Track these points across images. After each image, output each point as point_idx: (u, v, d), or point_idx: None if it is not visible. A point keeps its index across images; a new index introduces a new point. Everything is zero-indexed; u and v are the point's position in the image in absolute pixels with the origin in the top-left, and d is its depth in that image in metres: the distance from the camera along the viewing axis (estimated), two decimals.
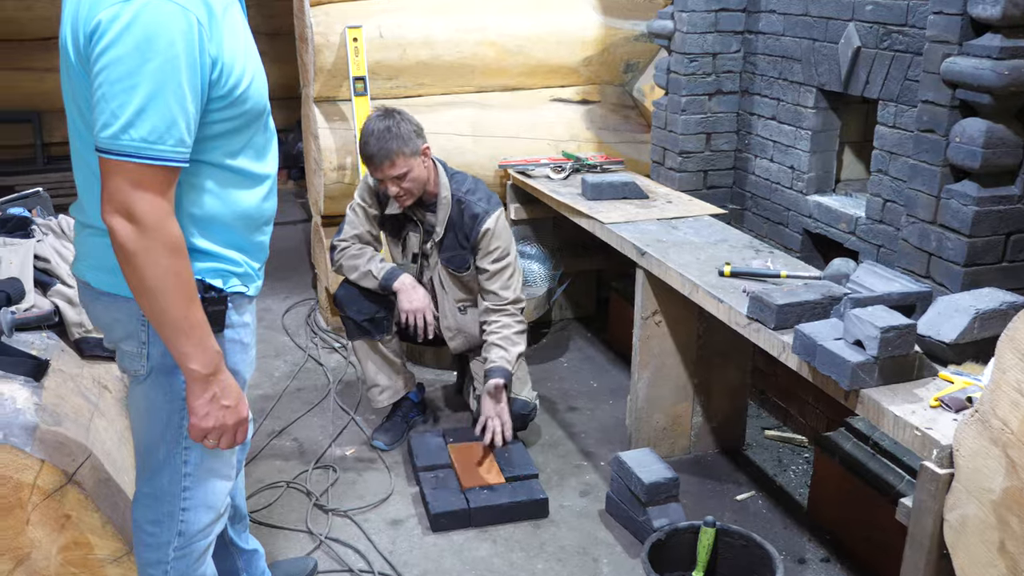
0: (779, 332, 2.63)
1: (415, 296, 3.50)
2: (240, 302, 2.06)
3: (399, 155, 3.32)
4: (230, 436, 2.00)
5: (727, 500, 3.36)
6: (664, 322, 3.46)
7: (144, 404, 2.07)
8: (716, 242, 3.46)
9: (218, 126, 1.88)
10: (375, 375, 3.68)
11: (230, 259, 2.01)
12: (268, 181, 2.07)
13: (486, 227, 3.51)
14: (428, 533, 3.16)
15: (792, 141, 3.77)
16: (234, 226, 1.99)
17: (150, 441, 2.10)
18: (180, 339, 1.85)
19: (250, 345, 2.13)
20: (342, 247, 3.56)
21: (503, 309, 3.53)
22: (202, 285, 1.94)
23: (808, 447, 3.67)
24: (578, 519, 3.24)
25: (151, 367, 2.00)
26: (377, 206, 3.57)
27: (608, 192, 4.02)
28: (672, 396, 3.56)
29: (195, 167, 1.88)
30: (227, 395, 1.95)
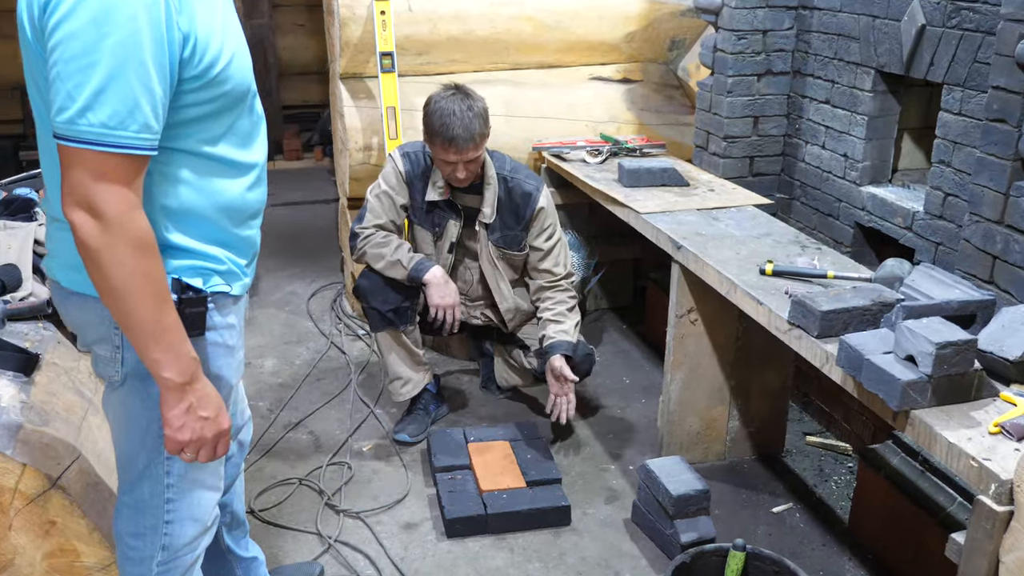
0: (823, 341, 2.41)
1: (447, 291, 3.34)
2: (223, 302, 1.89)
3: (482, 137, 3.20)
4: (209, 449, 1.83)
5: (762, 512, 3.14)
6: (700, 320, 3.24)
7: (121, 411, 1.91)
8: (759, 236, 3.22)
9: (193, 110, 1.70)
10: (398, 367, 3.51)
11: (211, 256, 1.83)
12: (254, 170, 1.89)
13: (540, 205, 3.41)
14: (443, 539, 2.99)
15: (846, 127, 3.51)
16: (215, 219, 1.82)
17: (129, 450, 1.95)
18: (150, 345, 1.68)
19: (236, 348, 1.96)
20: (365, 235, 3.38)
21: (556, 285, 3.46)
22: (179, 285, 1.78)
23: (852, 456, 3.44)
24: (601, 528, 3.05)
25: (126, 373, 1.84)
26: (405, 193, 3.38)
27: (646, 179, 3.79)
28: (707, 399, 3.35)
29: (168, 155, 1.71)
30: (205, 405, 1.78)
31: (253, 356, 4.28)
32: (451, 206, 3.40)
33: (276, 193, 6.95)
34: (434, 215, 3.42)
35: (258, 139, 1.90)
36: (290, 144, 7.89)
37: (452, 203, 3.39)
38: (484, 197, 3.38)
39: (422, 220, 3.43)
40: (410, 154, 3.40)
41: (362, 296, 3.44)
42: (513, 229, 3.42)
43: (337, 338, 4.45)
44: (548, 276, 3.46)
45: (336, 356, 4.27)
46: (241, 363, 2.05)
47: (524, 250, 3.47)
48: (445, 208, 3.40)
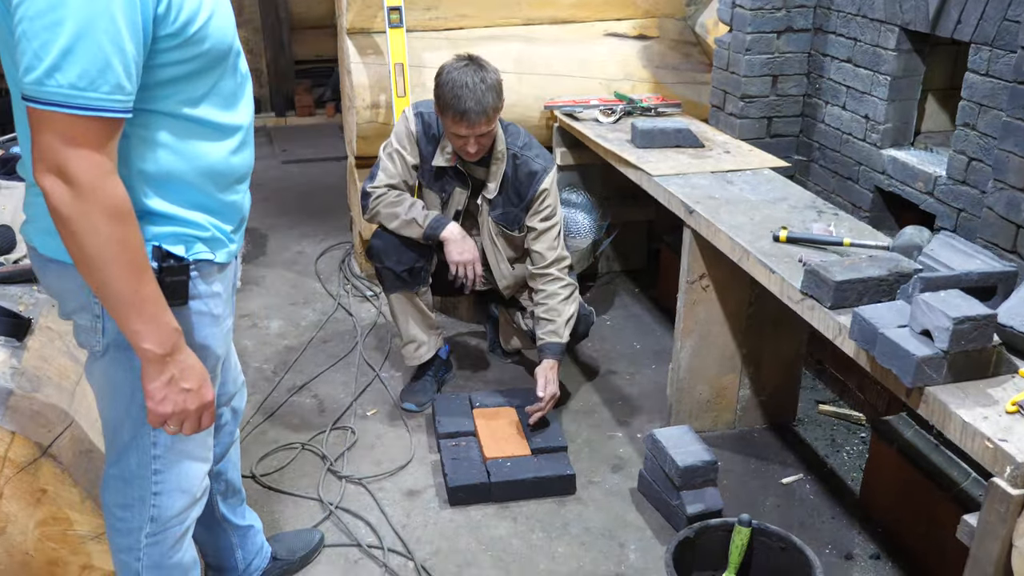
0: (836, 312, 2.32)
1: (465, 247, 3.25)
2: (208, 270, 1.82)
3: (495, 111, 3.07)
4: (193, 422, 1.78)
5: (771, 483, 3.08)
6: (712, 287, 3.16)
7: (104, 382, 1.86)
8: (774, 200, 3.13)
9: (171, 70, 1.62)
10: (413, 330, 3.45)
11: (193, 222, 1.76)
12: (239, 133, 1.81)
13: (544, 187, 3.27)
14: (445, 507, 2.94)
15: (868, 87, 3.39)
16: (197, 184, 1.74)
17: (114, 421, 1.90)
18: (129, 315, 1.62)
19: (222, 316, 1.89)
20: (377, 194, 3.28)
21: (547, 273, 3.28)
22: (159, 252, 1.71)
23: (865, 426, 3.36)
24: (607, 497, 3.00)
25: (107, 343, 1.78)
26: (416, 154, 3.29)
27: (659, 139, 3.69)
28: (717, 366, 3.27)
29: (146, 117, 1.63)
30: (187, 377, 1.72)
31: (259, 317, 4.24)
32: (458, 174, 3.31)
33: (288, 150, 6.89)
34: (443, 181, 3.33)
35: (243, 100, 1.82)
36: (302, 100, 7.79)
37: (459, 171, 3.30)
38: (490, 171, 3.27)
39: (430, 183, 3.34)
40: (423, 114, 3.28)
41: (375, 256, 3.36)
42: (515, 207, 3.31)
43: (344, 299, 4.39)
44: (539, 259, 3.28)
45: (343, 318, 4.22)
46: (229, 332, 1.99)
47: (523, 231, 3.35)
48: (452, 175, 3.31)
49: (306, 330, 4.11)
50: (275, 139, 7.25)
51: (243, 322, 4.19)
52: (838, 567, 2.69)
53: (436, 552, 2.74)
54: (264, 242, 5.15)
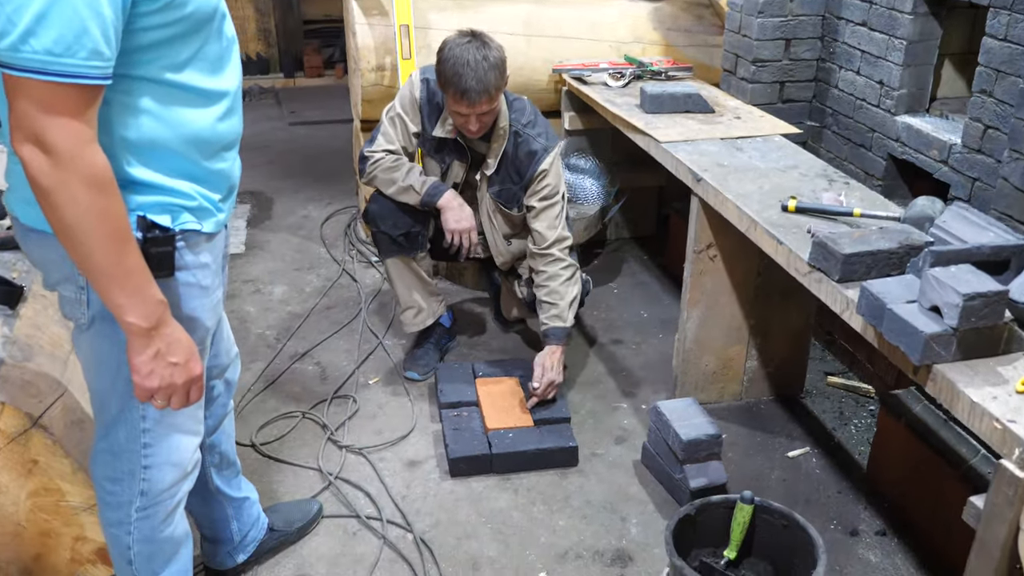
0: (844, 285, 2.26)
1: (462, 215, 3.18)
2: (195, 240, 1.77)
3: (497, 90, 2.97)
4: (181, 396, 1.74)
5: (777, 456, 3.03)
6: (720, 256, 3.09)
7: (90, 354, 1.82)
8: (784, 168, 3.05)
9: (153, 34, 1.56)
10: (409, 296, 3.40)
11: (179, 191, 1.71)
12: (226, 99, 1.75)
13: (543, 168, 3.16)
14: (446, 478, 2.91)
15: (883, 51, 3.30)
16: (183, 152, 1.69)
17: (102, 394, 1.86)
18: (112, 288, 1.58)
19: (211, 288, 1.85)
20: (375, 158, 3.22)
21: (547, 254, 3.16)
22: (144, 223, 1.66)
23: (874, 399, 3.31)
24: (609, 470, 2.96)
25: (93, 315, 1.74)
26: (419, 122, 3.22)
27: (669, 104, 3.61)
28: (724, 337, 3.22)
29: (128, 83, 1.58)
30: (174, 351, 1.69)
31: (263, 282, 4.20)
32: (458, 147, 3.24)
33: (296, 112, 6.83)
34: (443, 152, 3.26)
35: (229, 65, 1.76)
36: (311, 60, 7.70)
37: (460, 145, 3.23)
38: (491, 147, 3.20)
39: (431, 152, 3.28)
40: (430, 81, 3.19)
41: (371, 220, 3.31)
42: (515, 185, 3.23)
43: (349, 265, 4.34)
44: (539, 239, 3.17)
45: (347, 284, 4.17)
46: (219, 303, 1.94)
47: (521, 211, 3.27)
48: (453, 148, 3.24)
49: (310, 296, 4.07)
50: (283, 100, 7.17)
51: (246, 287, 4.15)
52: (843, 543, 2.65)
53: (436, 524, 2.72)
54: (269, 206, 5.10)
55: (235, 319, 3.86)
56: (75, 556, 2.27)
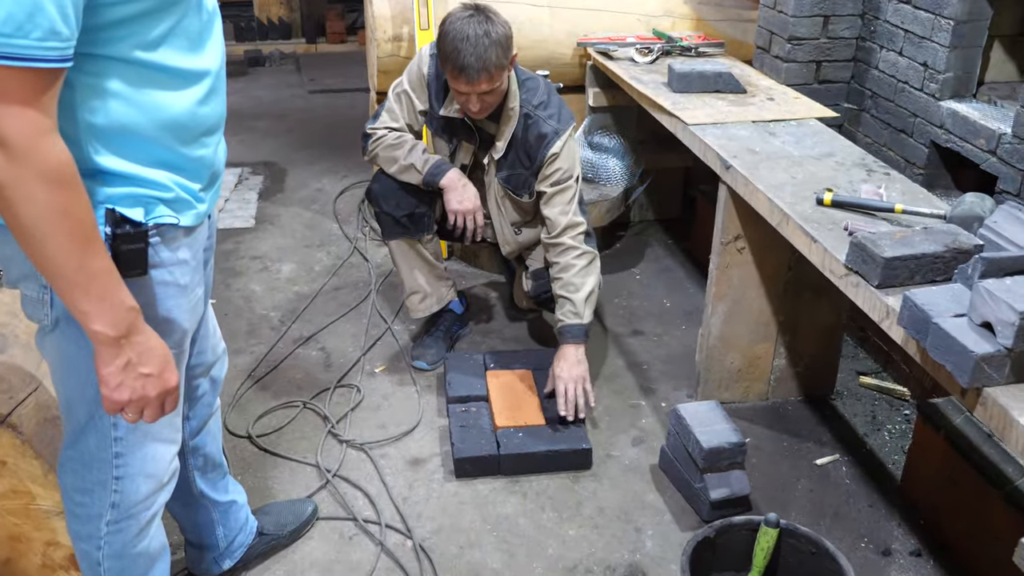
0: (884, 292, 2.07)
1: (465, 195, 3.00)
2: (172, 235, 1.61)
3: (498, 68, 2.76)
4: (154, 409, 1.58)
5: (804, 463, 2.85)
6: (748, 248, 2.90)
7: (56, 357, 1.67)
8: (820, 156, 2.85)
9: (121, 8, 1.39)
10: (414, 280, 3.23)
11: (153, 182, 1.54)
12: (207, 79, 1.58)
13: (552, 152, 2.95)
14: (450, 479, 2.75)
15: (928, 32, 3.08)
16: (157, 138, 1.52)
17: (70, 399, 1.71)
18: (75, 294, 1.42)
19: (190, 286, 1.68)
20: (377, 135, 3.05)
21: (559, 243, 2.94)
22: (113, 216, 1.50)
23: (909, 402, 3.12)
24: (625, 475, 2.79)
25: (56, 316, 1.58)
26: (426, 100, 3.03)
27: (697, 84, 3.40)
28: (751, 334, 3.03)
29: (94, 64, 1.41)
30: (147, 360, 1.52)
31: (271, 259, 4.04)
32: (466, 128, 3.04)
33: (315, 79, 6.65)
34: (451, 132, 3.07)
35: (210, 41, 1.59)
36: (333, 26, 7.52)
37: (467, 125, 3.03)
38: (500, 130, 3.00)
39: (439, 131, 3.09)
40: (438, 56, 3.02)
41: (374, 200, 3.14)
42: (526, 170, 3.02)
43: (361, 242, 4.18)
44: (551, 226, 2.96)
45: (358, 263, 4.01)
46: (200, 301, 1.78)
47: (532, 197, 3.07)
48: (461, 127, 3.04)
49: (319, 275, 3.91)
50: (304, 67, 7.00)
51: (254, 264, 3.99)
52: (875, 564, 2.47)
53: (438, 530, 2.56)
54: (283, 177, 4.94)
55: (240, 298, 3.71)
56: (46, 562, 2.13)
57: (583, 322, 2.90)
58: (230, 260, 4.00)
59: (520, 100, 2.95)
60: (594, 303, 2.96)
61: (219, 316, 3.43)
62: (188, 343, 1.77)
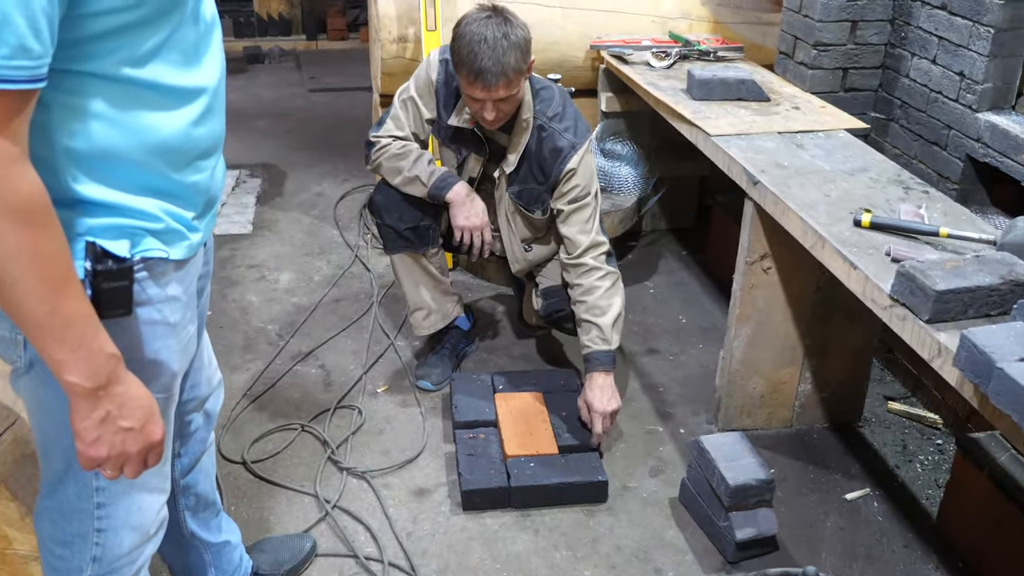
0: (934, 327, 1.91)
1: (472, 211, 2.83)
2: (161, 269, 1.44)
3: (516, 73, 2.57)
4: (135, 465, 1.41)
5: (833, 498, 2.69)
6: (775, 268, 2.74)
7: (31, 400, 1.50)
8: (853, 171, 2.69)
9: (105, 20, 1.23)
10: (419, 296, 3.06)
11: (140, 211, 1.37)
12: (203, 96, 1.41)
13: (570, 167, 2.77)
14: (457, 511, 2.59)
15: (966, 39, 2.91)
16: (145, 163, 1.35)
17: (47, 445, 1.54)
18: (47, 341, 1.25)
19: (180, 324, 1.51)
20: (381, 144, 2.87)
21: (581, 264, 2.78)
22: (94, 251, 1.33)
23: (941, 430, 2.96)
24: (643, 509, 2.62)
25: (30, 358, 1.41)
26: (434, 108, 2.86)
27: (719, 91, 3.23)
28: (776, 358, 2.87)
29: (74, 81, 1.25)
30: (128, 413, 1.35)
31: (268, 268, 3.87)
32: (476, 139, 2.86)
33: (316, 77, 6.48)
34: (460, 142, 2.89)
35: (207, 55, 1.42)
36: (335, 23, 7.33)
37: (478, 136, 2.86)
38: (512, 141, 2.82)
39: (447, 141, 2.92)
40: (448, 62, 2.80)
41: (376, 212, 2.96)
42: (539, 185, 2.85)
43: (363, 251, 4.01)
44: (571, 247, 2.81)
45: (359, 273, 3.84)
46: (192, 340, 1.61)
47: (545, 213, 2.90)
48: (470, 138, 2.87)
49: (318, 286, 3.74)
50: (304, 64, 6.83)
51: (251, 273, 3.83)
52: None
53: (444, 569, 2.39)
54: (282, 180, 4.77)
55: (236, 309, 3.54)
56: None
57: (611, 348, 2.74)
58: (226, 268, 3.83)
59: (534, 111, 2.78)
60: (621, 327, 2.80)
61: (214, 329, 3.27)
62: (178, 386, 1.60)
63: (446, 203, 2.84)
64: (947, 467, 2.79)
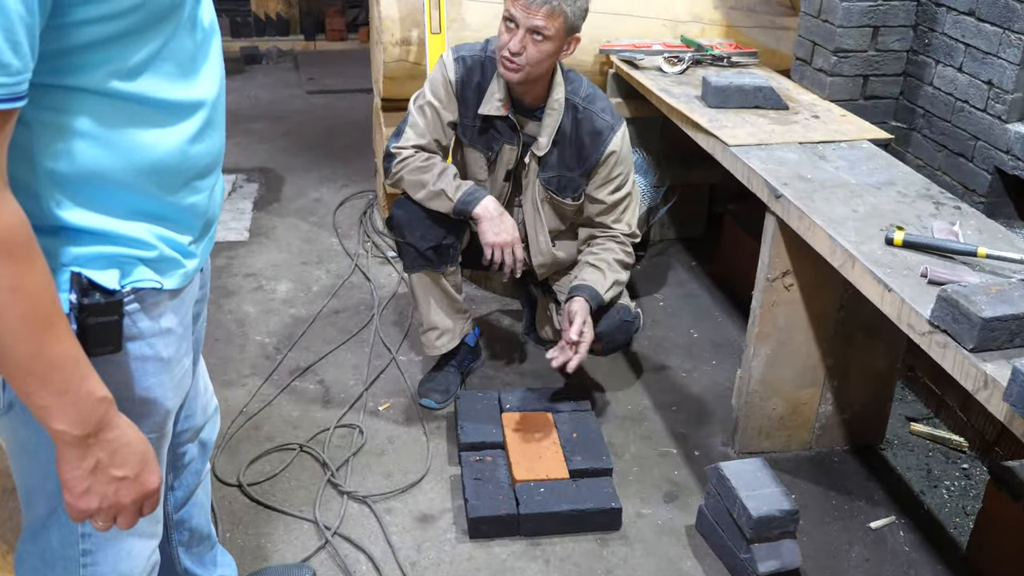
0: (978, 356, 1.79)
1: (503, 226, 2.70)
2: (155, 300, 1.31)
3: (563, 4, 2.50)
4: (129, 516, 1.29)
5: (857, 526, 2.57)
6: (797, 285, 2.62)
7: (12, 442, 1.37)
8: (880, 185, 2.57)
9: (92, 30, 1.11)
10: (434, 316, 2.93)
11: (131, 238, 1.25)
12: (201, 111, 1.28)
13: (611, 149, 2.71)
14: (463, 539, 2.46)
15: (994, 47, 2.80)
16: (137, 186, 1.23)
17: (29, 490, 1.42)
18: (31, 386, 1.13)
19: (174, 359, 1.39)
20: (402, 156, 2.73)
21: (613, 236, 2.82)
22: (80, 282, 1.20)
23: (967, 453, 2.84)
24: (658, 537, 2.50)
25: (10, 399, 1.29)
26: (455, 108, 2.74)
27: (736, 99, 3.11)
28: (796, 379, 2.75)
29: (58, 97, 1.13)
30: (121, 461, 1.23)
31: (266, 277, 3.75)
32: (510, 126, 2.75)
33: (314, 78, 6.36)
34: (489, 135, 2.77)
35: (205, 65, 1.30)
36: (333, 23, 7.21)
37: (511, 122, 2.74)
38: (543, 124, 2.72)
39: (474, 140, 2.79)
40: (466, 58, 2.72)
41: (397, 229, 2.82)
42: (572, 171, 2.76)
43: (363, 259, 3.88)
44: (605, 229, 2.82)
45: (360, 283, 3.71)
46: (188, 374, 1.48)
47: (579, 200, 2.81)
48: (502, 127, 2.75)
49: (317, 296, 3.61)
50: (302, 65, 6.70)
51: (247, 283, 3.70)
52: None
53: None
54: (279, 186, 4.64)
55: (232, 321, 3.42)
56: None
57: (601, 294, 2.70)
58: (222, 277, 3.71)
59: (566, 91, 2.68)
60: (616, 292, 2.78)
61: (209, 342, 3.14)
62: (171, 424, 1.48)
63: (472, 219, 2.71)
64: (975, 493, 2.67)
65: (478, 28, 3.62)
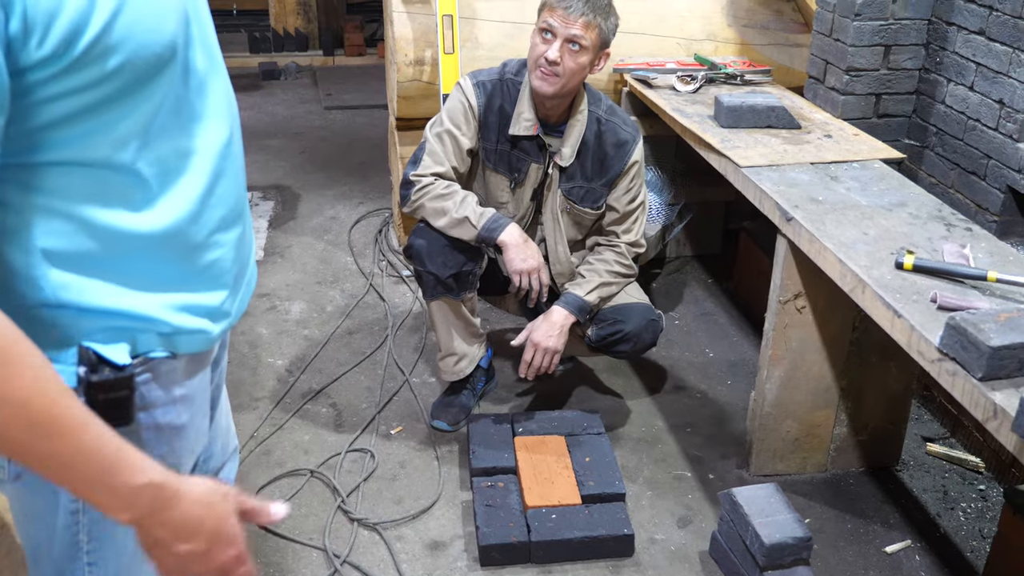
0: (987, 385, 1.77)
1: (528, 252, 2.70)
2: (168, 367, 1.23)
3: (597, 24, 2.58)
4: None
5: (872, 550, 2.54)
6: (809, 307, 2.60)
7: (18, 508, 1.31)
8: (891, 207, 2.55)
9: (64, 104, 1.02)
10: (454, 342, 2.92)
11: (143, 316, 1.17)
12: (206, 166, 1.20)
13: (634, 159, 2.79)
14: (475, 567, 2.45)
15: (1005, 66, 2.78)
16: (147, 254, 1.15)
17: (36, 552, 1.37)
18: (59, 480, 1.05)
19: (189, 425, 1.30)
20: (422, 184, 2.72)
21: (613, 246, 2.85)
22: (88, 358, 1.12)
23: (983, 475, 2.81)
24: (671, 564, 2.49)
25: (19, 470, 1.23)
26: (475, 134, 2.75)
27: (748, 118, 3.10)
28: (810, 401, 2.73)
29: (38, 175, 1.05)
30: (185, 537, 1.12)
31: (279, 298, 3.76)
32: (538, 145, 2.76)
33: (332, 94, 6.38)
34: (512, 156, 2.78)
35: (206, 112, 1.20)
36: (352, 38, 7.24)
37: (540, 141, 2.75)
38: (566, 135, 2.73)
39: (498, 163, 2.80)
40: (485, 83, 2.73)
41: (416, 258, 2.80)
42: (594, 182, 2.78)
43: (378, 279, 3.89)
44: (611, 237, 2.87)
45: (374, 303, 3.72)
46: (203, 433, 1.42)
47: (599, 209, 2.83)
48: (529, 147, 2.76)
49: (331, 317, 3.62)
50: (320, 81, 6.72)
51: (261, 303, 3.71)
52: None
53: None
54: (295, 203, 4.66)
55: (245, 343, 3.43)
56: None
57: (583, 297, 2.76)
58: None
59: (589, 105, 2.75)
60: (604, 294, 2.81)
61: None
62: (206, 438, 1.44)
63: (496, 246, 2.71)
64: (991, 516, 2.64)
65: (491, 48, 3.63)
